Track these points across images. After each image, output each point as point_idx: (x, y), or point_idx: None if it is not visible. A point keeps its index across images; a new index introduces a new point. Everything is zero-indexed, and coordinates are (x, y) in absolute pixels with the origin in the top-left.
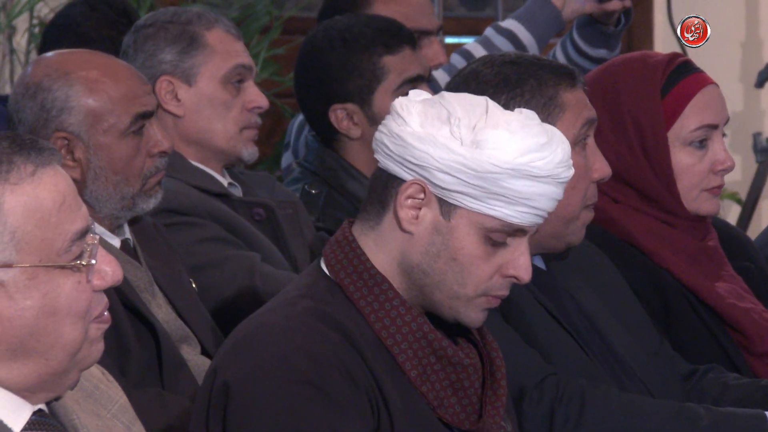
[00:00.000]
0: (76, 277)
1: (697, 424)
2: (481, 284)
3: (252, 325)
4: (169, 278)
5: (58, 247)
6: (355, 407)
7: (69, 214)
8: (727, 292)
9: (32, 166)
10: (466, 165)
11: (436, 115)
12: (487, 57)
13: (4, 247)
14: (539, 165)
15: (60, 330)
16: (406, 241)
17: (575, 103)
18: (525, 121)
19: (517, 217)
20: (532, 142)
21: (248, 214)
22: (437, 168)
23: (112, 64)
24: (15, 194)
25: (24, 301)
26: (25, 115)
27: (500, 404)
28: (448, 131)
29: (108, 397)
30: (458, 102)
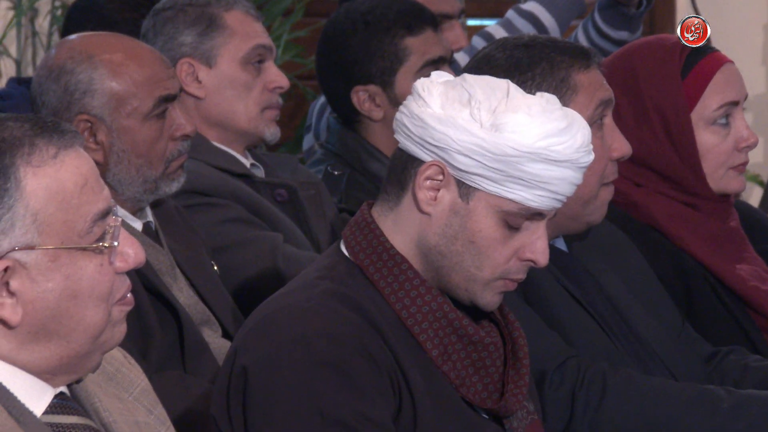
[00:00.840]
0: (99, 260)
1: (719, 406)
2: (498, 267)
3: (271, 307)
4: (190, 261)
5: (79, 228)
6: (376, 388)
7: (91, 195)
8: (749, 275)
9: (54, 148)
10: (486, 148)
11: (457, 98)
12: (501, 40)
13: (26, 230)
14: (559, 149)
15: (82, 313)
16: (424, 222)
17: (588, 84)
18: (546, 105)
19: (536, 201)
20: (552, 127)
21: (270, 195)
22: (456, 150)
23: (136, 48)
24: (37, 177)
25: (46, 284)
26: (49, 97)
27: (523, 383)
28: (469, 114)
29: (130, 381)
30: (479, 84)
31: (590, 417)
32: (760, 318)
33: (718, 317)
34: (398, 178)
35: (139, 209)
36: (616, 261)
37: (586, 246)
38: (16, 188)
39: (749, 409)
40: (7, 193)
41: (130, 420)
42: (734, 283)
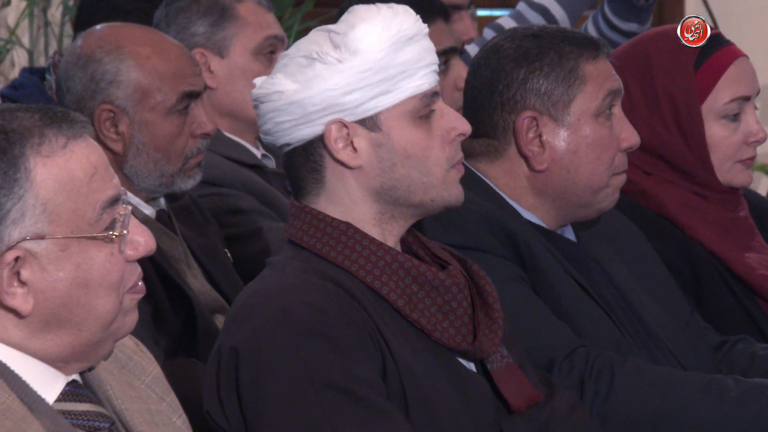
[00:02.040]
0: (109, 249)
1: (726, 395)
2: (441, 161)
3: (249, 291)
4: (204, 249)
5: (89, 217)
6: (361, 350)
7: (100, 183)
8: (758, 263)
9: (64, 138)
10: (360, 71)
11: (297, 66)
12: (510, 31)
13: (36, 219)
14: (405, 27)
15: (93, 301)
16: (361, 176)
17: (597, 74)
18: (366, 10)
19: (424, 81)
20: (387, 18)
21: (281, 185)
22: (340, 95)
23: (164, 42)
24: (47, 166)
25: (57, 273)
26: (74, 84)
27: (497, 327)
28: (321, 65)
29: (142, 368)
30: (301, 46)
31: (599, 406)
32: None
33: (727, 305)
34: (307, 170)
35: (153, 198)
36: (624, 250)
37: (594, 236)
38: (26, 178)
39: (757, 398)
40: (17, 183)
41: (142, 407)
42: (743, 271)
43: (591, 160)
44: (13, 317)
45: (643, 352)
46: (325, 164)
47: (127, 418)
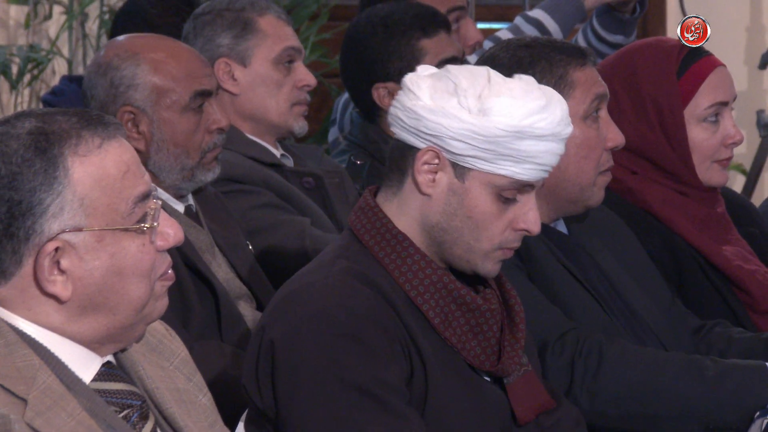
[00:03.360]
0: (141, 240)
1: (705, 374)
2: (495, 238)
3: (294, 285)
4: (228, 241)
5: (122, 210)
6: (390, 355)
7: (132, 180)
8: (734, 255)
9: (99, 139)
10: (476, 132)
11: (444, 88)
12: (505, 42)
13: (74, 213)
14: (542, 125)
15: (126, 288)
16: (426, 203)
17: (585, 80)
18: (525, 87)
19: (525, 174)
20: (533, 106)
21: (299, 182)
22: (450, 136)
23: (176, 47)
24: (84, 165)
25: (93, 262)
26: (97, 91)
27: (519, 346)
28: (457, 102)
29: (171, 351)
30: (462, 74)
31: (588, 383)
32: (743, 294)
33: (706, 293)
34: (398, 166)
35: (181, 195)
36: (612, 243)
37: (584, 229)
38: (64, 176)
39: (732, 376)
40: (56, 181)
41: (171, 386)
42: (720, 262)
43: (579, 158)
44: (53, 303)
45: (629, 334)
46: (408, 174)
47: (157, 397)
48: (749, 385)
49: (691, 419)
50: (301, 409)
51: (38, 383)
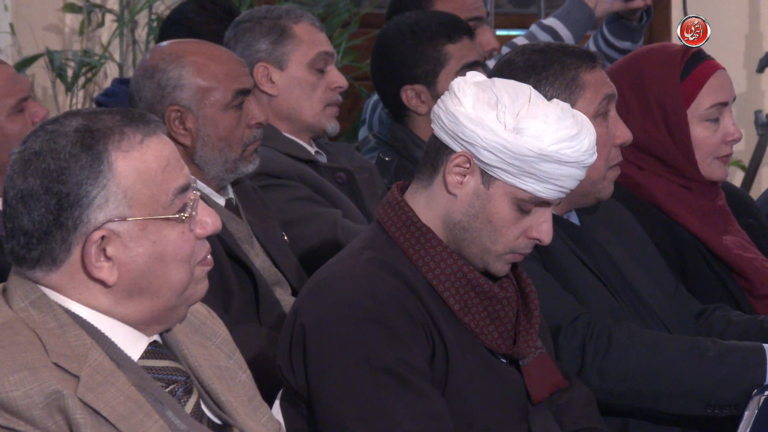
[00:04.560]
0: (181, 228)
1: (706, 354)
2: (509, 243)
3: (324, 273)
4: (265, 231)
5: (163, 201)
6: (413, 339)
7: (172, 173)
8: (734, 244)
9: (140, 135)
10: (507, 147)
11: (486, 100)
12: (520, 47)
13: (118, 204)
14: (568, 153)
15: (168, 273)
16: (451, 202)
17: (594, 81)
18: (560, 113)
19: (545, 193)
20: (564, 134)
21: (331, 177)
22: (482, 146)
23: (216, 50)
24: (126, 159)
25: (137, 249)
26: (144, 93)
27: (533, 330)
28: (495, 116)
29: (212, 331)
30: (506, 89)
31: (598, 364)
32: (742, 281)
33: (708, 280)
34: (432, 162)
35: (222, 187)
36: (621, 233)
37: (595, 221)
38: (108, 170)
39: (731, 356)
40: (101, 174)
41: (213, 364)
42: (721, 251)
43: None
44: (101, 287)
45: (635, 319)
46: (439, 171)
47: (200, 374)
48: (747, 365)
49: (693, 397)
50: (331, 388)
51: (90, 361)
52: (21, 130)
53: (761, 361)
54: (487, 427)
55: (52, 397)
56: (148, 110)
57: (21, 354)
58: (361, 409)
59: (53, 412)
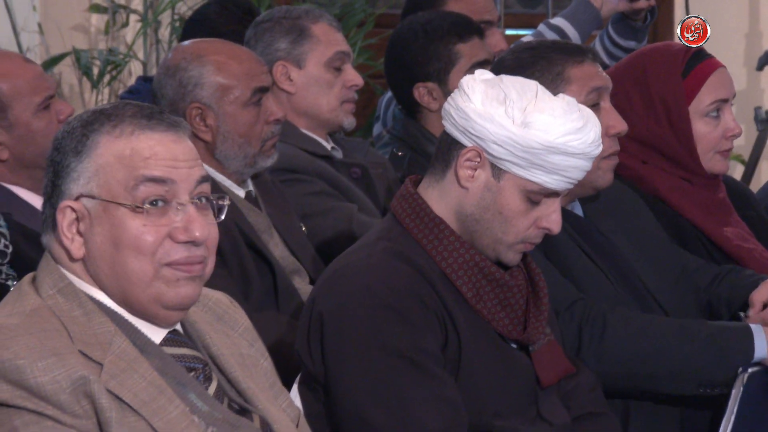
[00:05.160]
0: (142, 220)
1: (696, 337)
2: (520, 234)
3: (341, 262)
4: (283, 223)
5: (129, 186)
6: (426, 325)
7: (151, 164)
8: (734, 235)
9: (133, 127)
10: (516, 141)
11: (494, 96)
12: (514, 45)
13: (88, 181)
14: (575, 145)
15: (125, 260)
16: (463, 195)
17: (582, 75)
18: (566, 107)
19: (553, 184)
20: (570, 126)
21: (347, 172)
22: (492, 140)
23: (236, 49)
24: (111, 143)
25: (98, 228)
26: (167, 90)
27: (543, 317)
28: (504, 111)
29: (235, 321)
30: (513, 85)
31: (594, 347)
32: None
33: None
34: (443, 157)
35: (242, 181)
36: (626, 222)
37: (599, 211)
38: (91, 148)
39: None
40: (84, 150)
41: (235, 352)
42: (722, 242)
43: None
44: (79, 263)
45: (636, 304)
46: (451, 166)
47: (222, 362)
48: (735, 346)
49: (685, 377)
50: (348, 373)
51: (114, 348)
52: (47, 126)
53: (748, 341)
54: (498, 411)
55: (79, 383)
56: (170, 107)
57: (49, 340)
58: (376, 393)
59: (80, 397)
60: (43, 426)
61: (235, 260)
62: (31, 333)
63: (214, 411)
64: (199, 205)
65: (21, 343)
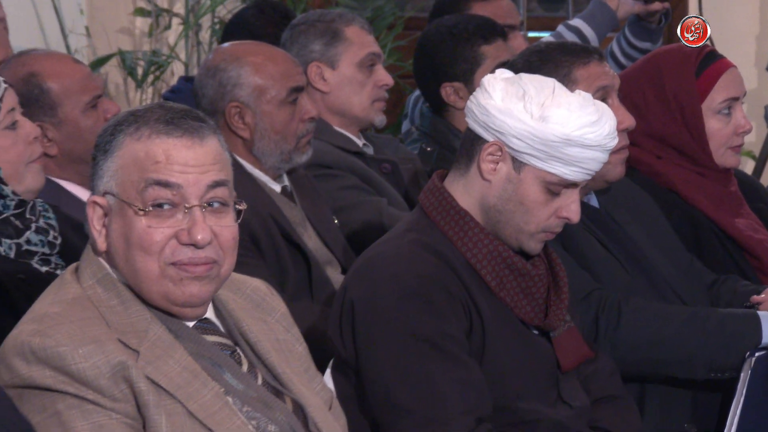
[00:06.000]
0: (147, 221)
1: (706, 324)
2: (541, 223)
3: (371, 252)
4: (317, 215)
5: (139, 188)
6: (452, 312)
7: (162, 168)
8: (745, 227)
9: (150, 131)
10: (534, 134)
11: (514, 93)
12: (525, 48)
13: (110, 179)
14: (591, 137)
15: (134, 258)
16: (486, 187)
17: (587, 75)
18: (582, 102)
19: (571, 175)
20: (586, 120)
21: (378, 168)
22: (512, 134)
23: (272, 51)
24: (131, 144)
25: (115, 224)
26: (207, 90)
27: (563, 305)
28: (522, 106)
29: (272, 307)
30: (531, 82)
31: (610, 335)
32: (753, 259)
33: (721, 258)
34: (467, 152)
35: (278, 176)
36: (639, 215)
37: (614, 204)
38: (116, 148)
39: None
40: (111, 149)
41: (271, 338)
42: (734, 232)
43: None
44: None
45: (651, 291)
46: (475, 160)
47: (259, 348)
48: (743, 331)
49: (696, 362)
50: (377, 358)
51: (150, 336)
52: (94, 124)
53: (756, 326)
54: (520, 393)
55: (118, 368)
56: (210, 106)
57: (89, 328)
58: (404, 376)
59: (119, 381)
60: (84, 409)
61: (272, 252)
62: (72, 321)
63: (248, 389)
64: (210, 209)
65: (63, 331)
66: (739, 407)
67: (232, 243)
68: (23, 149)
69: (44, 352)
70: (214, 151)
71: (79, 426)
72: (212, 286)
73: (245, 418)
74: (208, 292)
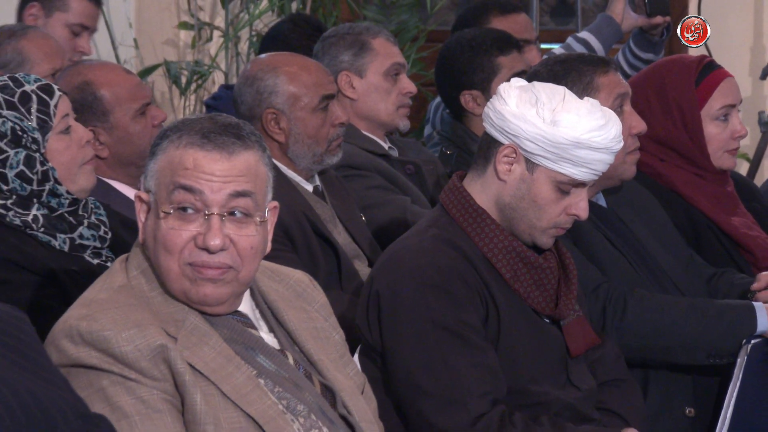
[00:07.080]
0: (169, 222)
1: (706, 313)
2: (552, 220)
3: (396, 247)
4: (346, 213)
5: (169, 189)
6: (470, 302)
7: (189, 174)
8: (741, 224)
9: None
10: (546, 137)
11: (527, 99)
12: (545, 59)
13: (150, 179)
14: (598, 140)
15: (159, 254)
16: (501, 187)
17: (608, 83)
18: (590, 108)
19: (580, 175)
20: (594, 124)
21: (402, 169)
22: (526, 138)
23: (306, 61)
24: (170, 149)
25: (149, 221)
26: (245, 98)
27: (572, 296)
28: (535, 112)
29: (312, 298)
30: (543, 90)
31: (616, 325)
32: (748, 255)
33: (718, 254)
34: (484, 155)
35: (310, 176)
36: (643, 214)
37: (620, 203)
38: (159, 152)
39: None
40: (156, 151)
41: (310, 326)
42: (730, 229)
43: None
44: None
45: (654, 285)
46: (491, 162)
47: (297, 336)
48: (741, 320)
49: (697, 349)
50: (401, 344)
51: (187, 325)
52: (142, 130)
53: (751, 316)
54: (532, 377)
55: (158, 350)
56: (248, 112)
57: (132, 313)
58: (426, 361)
59: (158, 362)
60: (127, 386)
61: (304, 246)
62: (117, 307)
63: (281, 370)
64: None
65: (108, 316)
66: (735, 390)
67: (251, 252)
68: (76, 152)
69: (90, 335)
70: (243, 165)
71: (123, 400)
72: (228, 289)
73: (275, 398)
74: (224, 293)
